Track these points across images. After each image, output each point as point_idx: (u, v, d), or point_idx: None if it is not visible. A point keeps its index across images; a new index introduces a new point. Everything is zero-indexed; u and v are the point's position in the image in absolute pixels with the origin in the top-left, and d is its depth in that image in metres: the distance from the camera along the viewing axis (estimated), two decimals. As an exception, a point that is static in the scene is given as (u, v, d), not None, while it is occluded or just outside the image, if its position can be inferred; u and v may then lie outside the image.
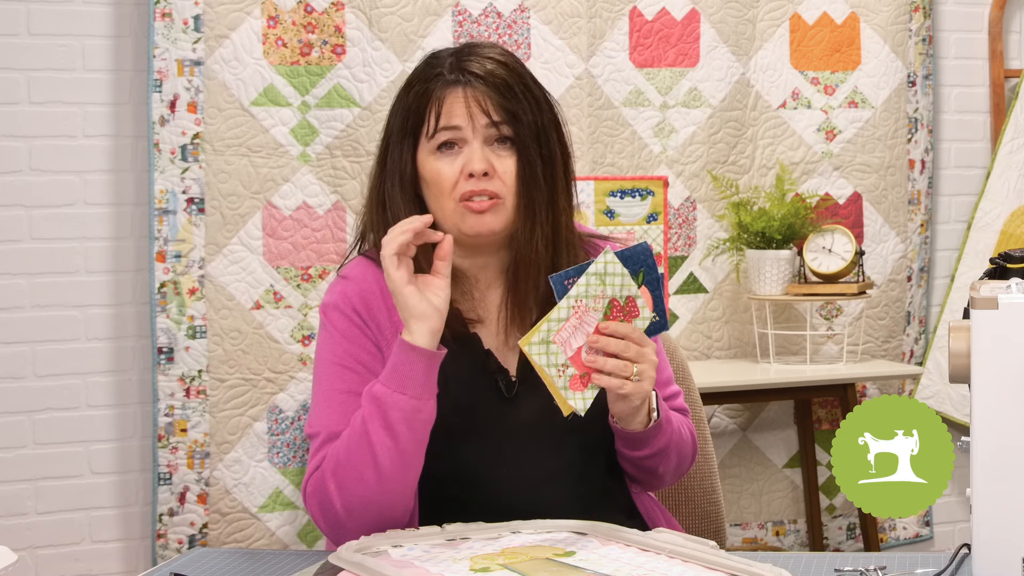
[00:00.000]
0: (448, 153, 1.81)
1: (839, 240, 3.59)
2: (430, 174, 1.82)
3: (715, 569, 1.54)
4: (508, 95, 1.81)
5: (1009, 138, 3.95)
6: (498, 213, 1.81)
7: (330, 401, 1.80)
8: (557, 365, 1.69)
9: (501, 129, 1.81)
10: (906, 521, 4.00)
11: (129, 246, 3.36)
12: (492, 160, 1.81)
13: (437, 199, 1.82)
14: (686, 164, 3.70)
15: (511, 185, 1.81)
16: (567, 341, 1.69)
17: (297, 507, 3.42)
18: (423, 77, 1.86)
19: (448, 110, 1.81)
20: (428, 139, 1.82)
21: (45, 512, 3.31)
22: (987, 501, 1.45)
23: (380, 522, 1.74)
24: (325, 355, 1.84)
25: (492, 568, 1.53)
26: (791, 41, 3.80)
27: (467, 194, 1.79)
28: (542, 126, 1.84)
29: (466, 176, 1.79)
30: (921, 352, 3.99)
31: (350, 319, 1.83)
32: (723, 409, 3.80)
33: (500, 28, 3.53)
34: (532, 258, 1.83)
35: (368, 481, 1.71)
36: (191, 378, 3.32)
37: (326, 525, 1.77)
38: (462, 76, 1.82)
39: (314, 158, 3.40)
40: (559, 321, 1.68)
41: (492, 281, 1.89)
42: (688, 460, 1.94)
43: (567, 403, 1.70)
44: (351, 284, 1.86)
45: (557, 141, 1.86)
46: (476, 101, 1.80)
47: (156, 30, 3.26)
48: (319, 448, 1.78)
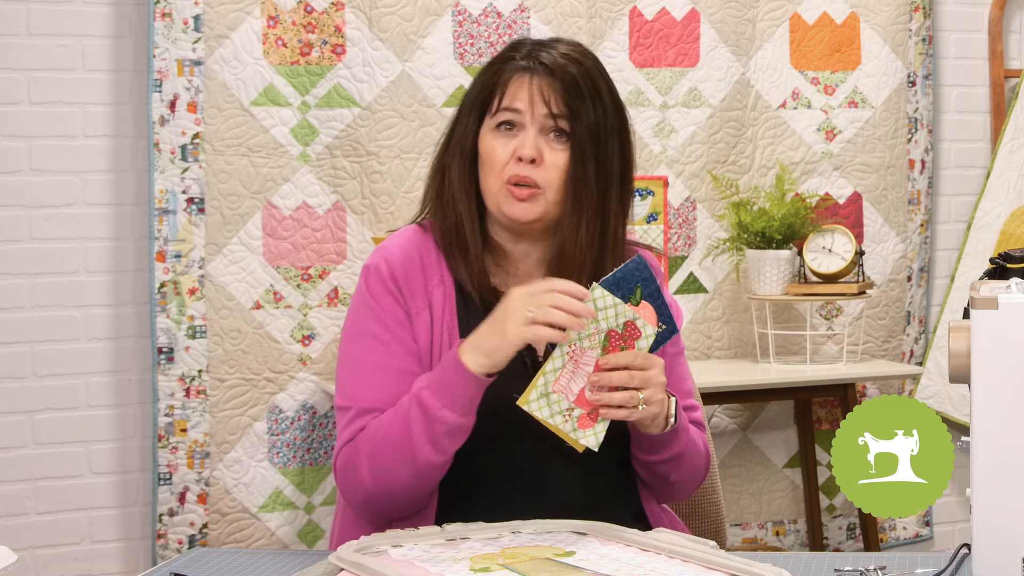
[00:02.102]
0: (506, 134, 1.85)
1: (839, 240, 3.59)
2: (486, 150, 1.86)
3: (715, 569, 1.54)
4: (573, 91, 1.84)
5: (1009, 138, 3.95)
6: (535, 203, 1.84)
7: (358, 372, 1.84)
8: (562, 412, 1.70)
9: (558, 122, 1.84)
10: (906, 521, 4.00)
11: (129, 246, 3.36)
12: (543, 149, 1.84)
13: (486, 176, 1.86)
14: (686, 164, 3.70)
15: (556, 178, 1.84)
16: (567, 388, 1.70)
17: (297, 507, 3.42)
18: (500, 58, 1.90)
19: (512, 92, 1.85)
20: (491, 116, 1.86)
21: (45, 512, 3.31)
22: (987, 501, 1.45)
23: (402, 509, 1.81)
24: (358, 320, 1.87)
25: (492, 568, 1.53)
26: (791, 41, 3.80)
27: (513, 178, 1.83)
28: (603, 129, 1.86)
29: (516, 159, 1.83)
30: (921, 352, 3.99)
31: (386, 286, 1.86)
32: (723, 409, 3.80)
33: (500, 28, 3.53)
34: (575, 253, 1.86)
35: (403, 476, 1.77)
36: (191, 378, 3.32)
37: (351, 498, 1.83)
38: (533, 63, 1.86)
39: (314, 158, 3.40)
40: (555, 372, 1.70)
41: (533, 270, 1.92)
42: (701, 473, 1.95)
43: (579, 443, 1.72)
44: (393, 252, 1.89)
45: (618, 148, 1.88)
46: (539, 90, 1.84)
47: (156, 30, 3.26)
48: (350, 422, 1.83)
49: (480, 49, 3.50)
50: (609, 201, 1.87)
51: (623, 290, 1.72)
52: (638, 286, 1.73)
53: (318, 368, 3.42)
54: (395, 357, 1.83)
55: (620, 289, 1.72)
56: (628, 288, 1.73)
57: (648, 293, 1.74)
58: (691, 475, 1.92)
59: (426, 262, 1.88)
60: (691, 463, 1.90)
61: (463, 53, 3.49)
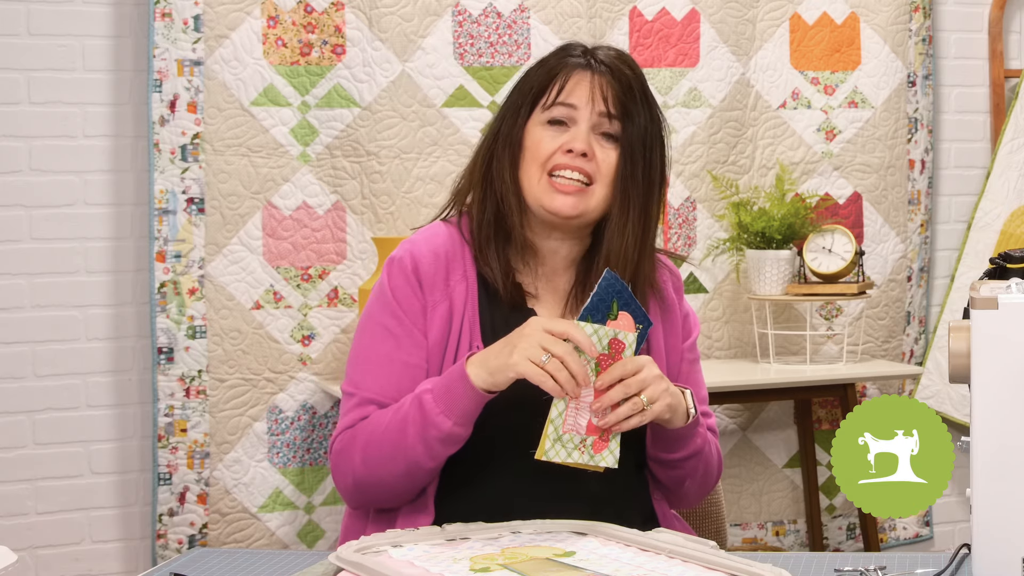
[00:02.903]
0: (555, 128, 1.86)
1: (839, 240, 3.59)
2: (532, 142, 1.87)
3: (715, 569, 1.54)
4: (628, 93, 1.87)
5: (1009, 138, 3.95)
6: (583, 198, 1.85)
7: (367, 362, 1.87)
8: (577, 447, 1.73)
9: (612, 124, 1.86)
10: (906, 521, 4.00)
11: (129, 246, 3.36)
12: (594, 146, 1.86)
13: (528, 167, 1.87)
14: (686, 164, 3.70)
15: (606, 175, 1.86)
16: (575, 425, 1.72)
17: (297, 507, 3.42)
18: (556, 55, 1.91)
19: (571, 87, 1.86)
20: (543, 110, 1.87)
21: (45, 512, 3.31)
22: (987, 501, 1.45)
23: (390, 500, 1.84)
24: (374, 311, 1.89)
25: (492, 568, 1.53)
26: (791, 41, 3.81)
27: (559, 166, 1.84)
28: (650, 134, 1.89)
29: (564, 151, 1.84)
30: (921, 352, 3.99)
31: (407, 277, 1.87)
32: (723, 409, 3.80)
33: (500, 28, 3.53)
34: (622, 252, 1.87)
35: (394, 471, 1.79)
36: (191, 378, 3.32)
37: (341, 481, 1.86)
38: (593, 61, 1.88)
39: (314, 158, 3.40)
40: (560, 416, 1.72)
41: (559, 267, 1.93)
42: (713, 477, 1.96)
43: (599, 466, 1.74)
44: (419, 245, 1.90)
45: (659, 157, 1.91)
46: (599, 87, 1.86)
47: (156, 30, 3.26)
48: (352, 408, 1.86)
49: (480, 49, 3.50)
50: (651, 205, 1.90)
51: (601, 312, 1.75)
52: (613, 301, 1.75)
53: (318, 368, 3.42)
54: (404, 351, 1.85)
55: (599, 312, 1.74)
56: (606, 308, 1.75)
57: (623, 302, 1.76)
58: (704, 477, 1.93)
59: (451, 256, 1.89)
60: (706, 463, 1.91)
61: (463, 53, 3.49)
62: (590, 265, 1.91)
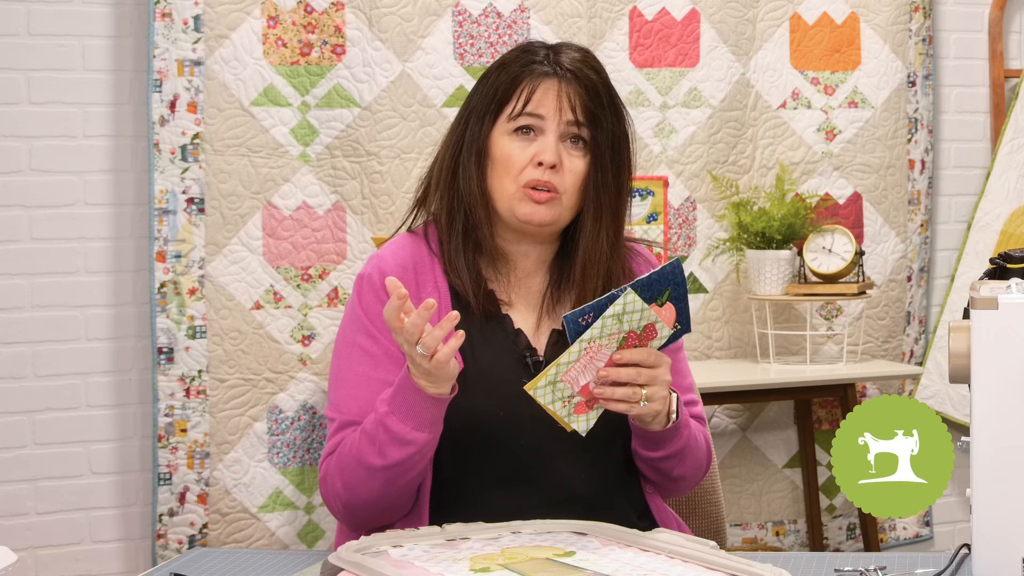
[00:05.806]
0: (522, 137, 1.86)
1: (839, 240, 3.59)
2: (501, 153, 1.86)
3: (715, 569, 1.54)
4: (595, 99, 1.86)
5: (1009, 138, 3.95)
6: (553, 207, 1.85)
7: (345, 384, 1.85)
8: (563, 399, 1.71)
9: (580, 130, 1.86)
10: (906, 521, 4.00)
11: (129, 246, 3.36)
12: (562, 156, 1.85)
13: (501, 179, 1.86)
14: (686, 164, 3.70)
15: (573, 184, 1.86)
16: (575, 379, 1.71)
17: (297, 507, 3.42)
18: (519, 61, 1.89)
19: (538, 98, 1.85)
20: (509, 120, 1.86)
21: (45, 512, 3.31)
22: (987, 501, 1.45)
23: (382, 517, 1.81)
24: (347, 331, 1.88)
25: (492, 568, 1.53)
26: (791, 41, 3.80)
27: (533, 182, 1.84)
28: (618, 136, 1.89)
29: (535, 164, 1.84)
30: (921, 352, 3.99)
31: (377, 294, 1.86)
32: (723, 409, 3.80)
33: (500, 28, 3.53)
34: (595, 258, 1.88)
35: (371, 488, 1.78)
36: (191, 378, 3.32)
37: (332, 508, 1.85)
38: (558, 69, 1.87)
39: (314, 158, 3.40)
40: (568, 364, 1.70)
41: (532, 270, 1.93)
42: (703, 468, 1.96)
43: (570, 425, 1.72)
44: (387, 259, 1.89)
45: (627, 155, 1.91)
46: (567, 96, 1.85)
47: (156, 30, 3.26)
48: (334, 433, 1.85)
49: (480, 49, 3.50)
50: (622, 206, 1.91)
51: (652, 292, 1.72)
52: (668, 289, 1.74)
53: (318, 368, 3.42)
54: (382, 369, 1.83)
55: (650, 291, 1.72)
56: (658, 290, 1.73)
57: (676, 295, 1.75)
58: (693, 470, 1.92)
59: (420, 269, 1.88)
60: (693, 458, 1.90)
61: (463, 53, 3.49)
62: (563, 266, 1.92)
